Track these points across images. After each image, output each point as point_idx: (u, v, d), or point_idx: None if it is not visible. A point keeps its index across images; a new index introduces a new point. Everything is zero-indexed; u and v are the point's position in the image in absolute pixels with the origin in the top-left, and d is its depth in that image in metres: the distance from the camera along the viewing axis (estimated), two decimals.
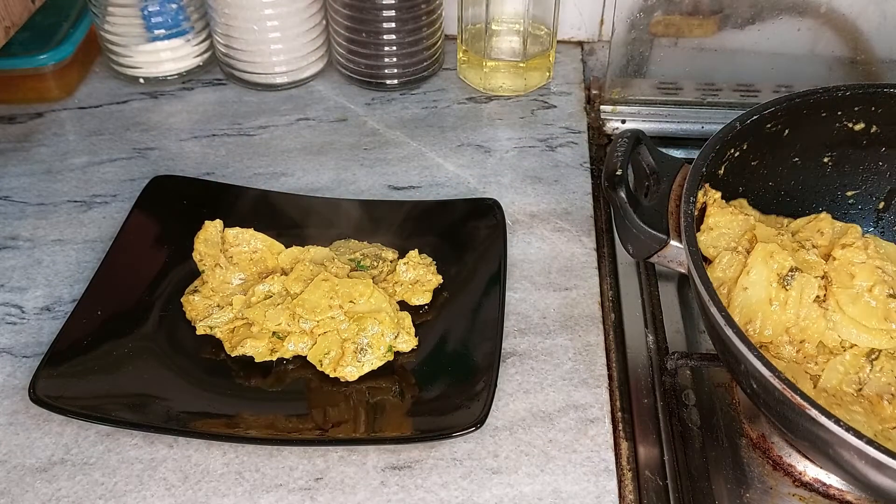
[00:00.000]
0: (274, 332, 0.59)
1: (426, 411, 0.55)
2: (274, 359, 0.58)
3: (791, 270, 0.55)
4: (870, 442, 0.40)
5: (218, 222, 0.65)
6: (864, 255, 0.56)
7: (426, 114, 0.83)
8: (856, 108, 0.60)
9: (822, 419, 0.41)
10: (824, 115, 0.60)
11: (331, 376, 0.57)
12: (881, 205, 0.64)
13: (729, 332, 0.46)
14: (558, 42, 0.89)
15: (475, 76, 0.85)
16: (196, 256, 0.63)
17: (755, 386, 0.46)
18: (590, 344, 0.60)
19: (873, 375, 0.55)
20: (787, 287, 0.54)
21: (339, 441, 0.53)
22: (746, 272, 0.55)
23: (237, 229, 0.64)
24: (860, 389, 0.54)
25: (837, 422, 0.41)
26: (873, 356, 0.56)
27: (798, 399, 0.42)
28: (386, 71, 0.84)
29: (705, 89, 0.84)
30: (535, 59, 0.84)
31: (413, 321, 0.60)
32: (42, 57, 0.81)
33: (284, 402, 0.56)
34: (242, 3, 0.79)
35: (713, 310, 0.47)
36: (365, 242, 0.66)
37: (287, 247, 0.65)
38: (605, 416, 0.56)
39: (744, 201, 0.61)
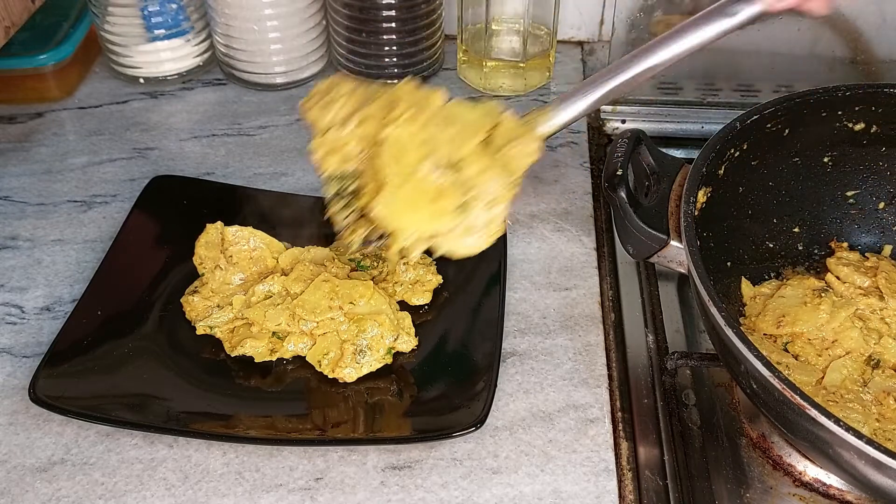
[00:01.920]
0: (274, 333, 0.59)
1: (426, 411, 0.55)
2: (273, 359, 0.58)
3: (823, 290, 0.60)
4: (869, 442, 0.40)
5: (218, 224, 0.64)
6: None
7: None
8: (856, 108, 0.60)
9: (822, 419, 0.41)
10: (824, 115, 0.60)
11: (329, 377, 0.57)
12: (881, 205, 0.64)
13: (729, 332, 0.46)
14: (558, 42, 0.89)
15: (475, 76, 0.85)
16: (196, 260, 0.63)
17: (755, 386, 0.45)
18: (590, 344, 0.60)
19: (877, 376, 0.55)
20: (822, 296, 0.59)
21: (339, 441, 0.53)
22: (782, 290, 0.60)
23: (236, 227, 0.64)
24: (865, 385, 0.54)
25: (837, 421, 0.41)
26: (873, 362, 0.56)
27: (798, 399, 0.42)
28: (386, 71, 0.84)
29: (705, 89, 0.83)
30: (535, 59, 0.84)
31: (413, 321, 0.60)
32: (42, 57, 0.81)
33: (284, 403, 0.56)
34: (242, 3, 0.79)
35: (713, 310, 0.47)
36: None
37: (287, 247, 0.65)
38: (605, 416, 0.56)
39: None
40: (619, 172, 0.56)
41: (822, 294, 0.60)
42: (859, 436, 0.40)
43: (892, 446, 0.43)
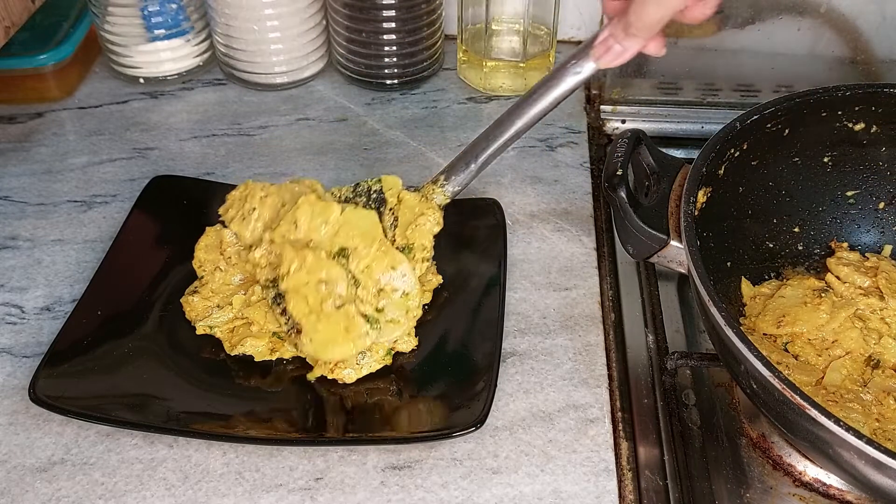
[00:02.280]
0: (274, 332, 0.59)
1: (426, 411, 0.55)
2: (273, 358, 0.58)
3: (823, 290, 0.60)
4: (869, 442, 0.40)
5: (218, 227, 0.64)
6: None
7: (426, 114, 0.83)
8: (856, 108, 0.60)
9: (822, 419, 0.41)
10: (824, 114, 0.60)
11: (329, 377, 0.57)
12: (881, 205, 0.64)
13: (729, 332, 0.46)
14: (558, 42, 0.89)
15: (475, 76, 0.85)
16: (195, 263, 0.63)
17: (755, 386, 0.45)
18: (590, 344, 0.60)
19: (877, 376, 0.55)
20: (822, 296, 0.59)
21: (339, 441, 0.53)
22: (782, 290, 0.60)
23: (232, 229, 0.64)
24: (865, 385, 0.54)
25: (837, 421, 0.41)
26: (873, 362, 0.56)
27: (798, 399, 0.42)
28: (386, 71, 0.84)
29: (705, 89, 0.84)
30: (535, 59, 0.84)
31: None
32: (42, 57, 0.81)
33: (284, 402, 0.56)
34: (242, 3, 0.79)
35: (713, 310, 0.47)
36: None
37: None
38: (605, 416, 0.56)
39: None
40: (619, 172, 0.56)
41: (822, 294, 0.60)
42: (859, 436, 0.40)
43: (892, 446, 0.43)
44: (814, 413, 0.42)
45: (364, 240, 0.57)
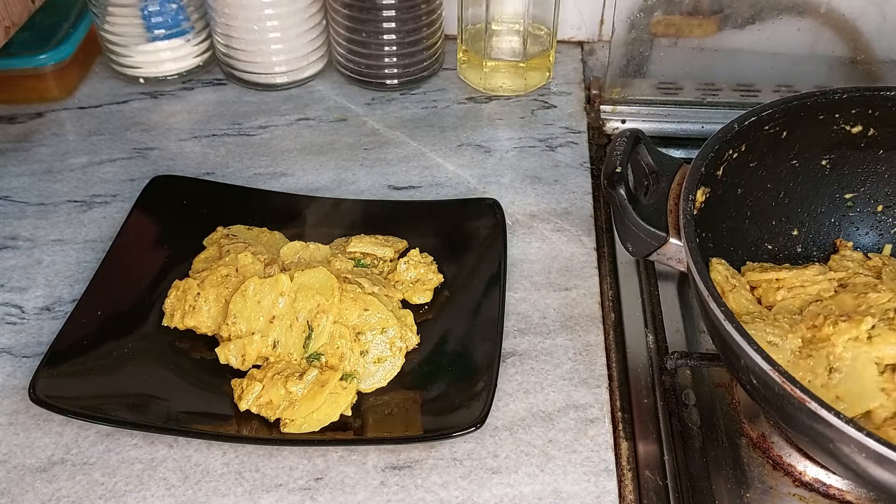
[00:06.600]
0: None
1: (426, 411, 0.55)
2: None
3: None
4: (870, 434, 0.40)
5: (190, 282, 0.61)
6: None
7: (426, 114, 0.83)
8: (853, 111, 0.60)
9: (822, 412, 0.41)
10: (822, 117, 0.60)
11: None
12: (879, 207, 0.64)
13: (728, 326, 0.46)
14: (558, 42, 0.89)
15: (475, 76, 0.85)
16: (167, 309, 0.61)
17: (755, 381, 0.45)
18: (590, 344, 0.60)
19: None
20: None
21: (339, 441, 0.53)
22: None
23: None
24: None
25: (837, 414, 0.41)
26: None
27: (798, 392, 0.42)
28: (386, 71, 0.84)
29: (705, 89, 0.84)
30: (535, 59, 0.84)
31: (413, 320, 0.60)
32: (42, 57, 0.81)
33: None
34: (242, 3, 0.79)
35: (713, 306, 0.47)
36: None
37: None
38: (605, 416, 0.56)
39: None
40: (618, 170, 0.56)
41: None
42: (859, 428, 0.40)
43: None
44: (813, 406, 0.42)
45: (324, 294, 0.57)
